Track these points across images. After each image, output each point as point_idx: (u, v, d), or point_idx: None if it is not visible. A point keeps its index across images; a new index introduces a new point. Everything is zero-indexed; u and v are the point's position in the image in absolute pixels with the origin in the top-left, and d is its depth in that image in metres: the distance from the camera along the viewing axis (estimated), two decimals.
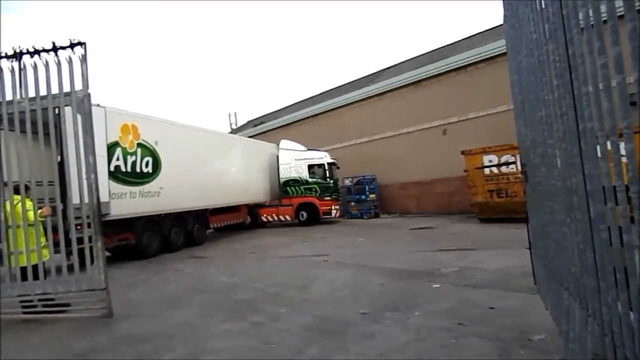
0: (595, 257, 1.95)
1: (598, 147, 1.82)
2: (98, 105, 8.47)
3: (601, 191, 1.82)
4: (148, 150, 10.57)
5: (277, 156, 17.24)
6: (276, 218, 17.22)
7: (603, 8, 1.65)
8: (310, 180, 16.76)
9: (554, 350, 3.10)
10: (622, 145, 1.57)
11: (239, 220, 15.87)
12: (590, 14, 1.76)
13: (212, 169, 13.36)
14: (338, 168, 17.57)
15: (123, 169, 9.71)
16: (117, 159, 9.56)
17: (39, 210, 5.17)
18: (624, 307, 1.69)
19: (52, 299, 5.14)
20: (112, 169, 9.32)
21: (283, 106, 32.16)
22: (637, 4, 1.41)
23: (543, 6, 2.43)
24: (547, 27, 2.37)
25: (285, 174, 16.98)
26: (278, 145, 17.51)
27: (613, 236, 1.75)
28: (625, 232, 1.62)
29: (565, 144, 2.25)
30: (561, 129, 2.28)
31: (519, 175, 4.33)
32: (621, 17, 1.45)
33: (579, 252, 2.21)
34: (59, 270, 5.15)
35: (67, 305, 5.17)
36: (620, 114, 1.53)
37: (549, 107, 2.51)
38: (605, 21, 1.63)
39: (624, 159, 1.59)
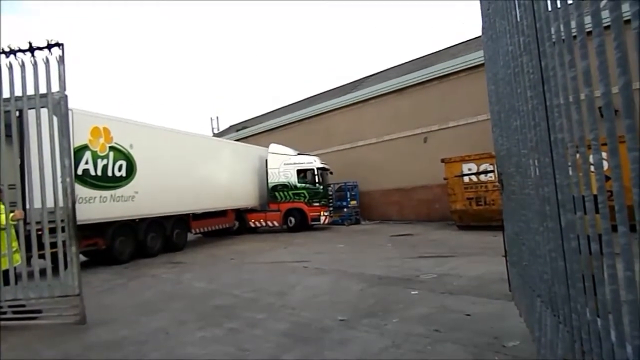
0: (566, 265, 2.00)
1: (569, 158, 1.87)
2: None
3: (571, 200, 1.87)
4: (121, 154, 10.36)
5: (266, 160, 16.89)
6: (264, 223, 16.81)
7: (574, 23, 1.70)
8: (299, 185, 16.36)
9: (527, 356, 3.15)
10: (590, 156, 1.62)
11: (225, 225, 15.41)
12: (562, 28, 1.81)
13: (193, 173, 13.08)
14: (331, 173, 17.32)
15: (92, 173, 9.53)
16: (86, 163, 9.38)
17: (11, 214, 5.02)
18: (592, 314, 1.73)
19: (23, 305, 4.97)
20: (79, 172, 9.11)
21: (266, 111, 32.12)
22: (603, 20, 1.44)
23: (519, 19, 2.49)
24: (522, 39, 2.43)
25: (274, 178, 16.60)
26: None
27: (582, 245, 1.79)
28: (593, 240, 1.66)
29: (538, 154, 2.30)
30: (534, 139, 2.34)
31: (497, 183, 4.42)
32: (589, 32, 1.50)
33: (550, 260, 2.25)
34: (30, 275, 4.99)
35: (39, 311, 5.01)
36: (588, 125, 1.57)
37: (524, 117, 2.57)
38: (575, 36, 1.68)
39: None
